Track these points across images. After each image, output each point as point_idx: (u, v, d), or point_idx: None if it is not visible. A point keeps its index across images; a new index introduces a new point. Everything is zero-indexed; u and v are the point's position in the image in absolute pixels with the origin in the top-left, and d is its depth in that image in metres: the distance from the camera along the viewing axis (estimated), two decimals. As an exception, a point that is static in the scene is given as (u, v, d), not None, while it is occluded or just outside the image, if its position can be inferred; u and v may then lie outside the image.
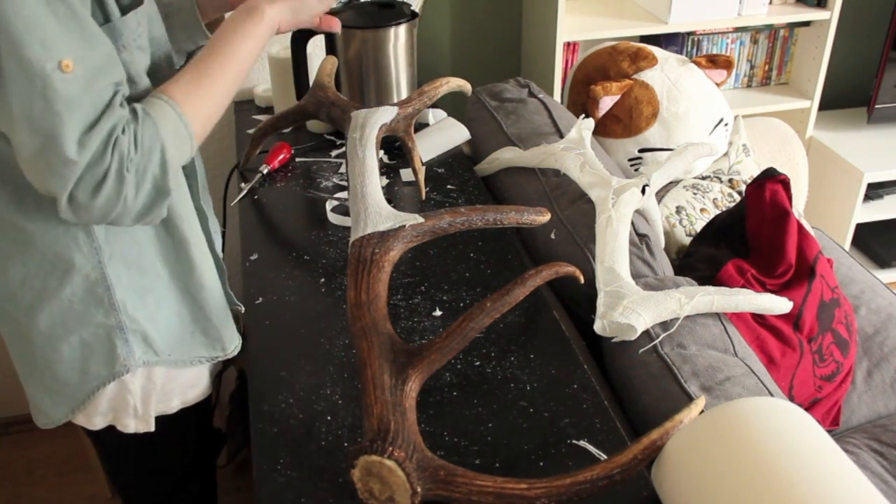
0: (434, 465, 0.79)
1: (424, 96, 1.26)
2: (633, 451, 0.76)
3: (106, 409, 1.00)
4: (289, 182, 1.49)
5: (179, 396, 1.05)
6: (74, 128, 0.74)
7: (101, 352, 0.94)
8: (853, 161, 2.31)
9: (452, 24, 2.24)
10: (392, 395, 0.84)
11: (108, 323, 0.93)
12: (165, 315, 0.98)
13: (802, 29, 2.32)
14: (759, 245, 1.35)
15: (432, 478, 0.78)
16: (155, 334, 0.97)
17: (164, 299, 0.98)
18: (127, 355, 0.95)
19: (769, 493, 0.70)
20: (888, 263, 2.41)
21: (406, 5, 1.54)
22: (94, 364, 0.95)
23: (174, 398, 1.05)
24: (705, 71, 1.80)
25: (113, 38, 0.81)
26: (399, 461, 0.77)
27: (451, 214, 1.01)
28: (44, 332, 0.92)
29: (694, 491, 0.76)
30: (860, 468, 1.24)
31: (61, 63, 0.72)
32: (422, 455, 0.79)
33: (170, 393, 1.03)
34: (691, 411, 0.79)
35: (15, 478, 1.95)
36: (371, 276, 0.94)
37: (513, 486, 0.76)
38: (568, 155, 1.38)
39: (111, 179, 0.77)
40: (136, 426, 1.02)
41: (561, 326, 1.11)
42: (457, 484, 0.77)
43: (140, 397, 1.00)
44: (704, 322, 1.10)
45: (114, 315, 0.93)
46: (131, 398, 0.99)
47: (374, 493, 0.80)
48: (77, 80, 0.74)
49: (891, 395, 1.47)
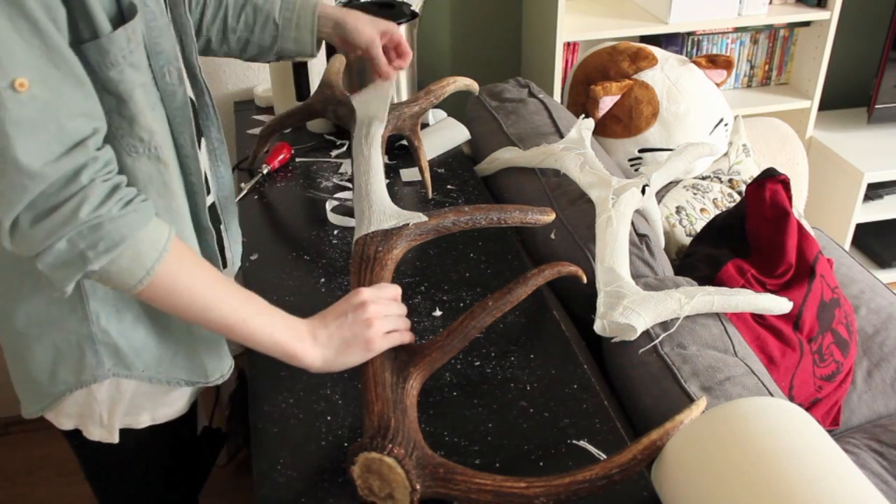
0: (433, 462, 0.79)
1: (431, 95, 1.26)
2: (632, 451, 0.76)
3: (73, 412, 0.97)
4: (289, 182, 1.49)
5: (149, 412, 0.99)
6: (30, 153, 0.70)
7: (71, 358, 0.91)
8: (853, 161, 2.31)
9: (452, 24, 2.24)
10: (393, 393, 0.84)
11: (80, 331, 0.90)
12: (144, 333, 0.93)
13: (802, 29, 2.32)
14: (759, 245, 1.35)
15: (432, 475, 0.78)
16: (128, 350, 0.92)
17: (144, 317, 0.93)
18: (96, 366, 0.91)
19: (769, 493, 0.70)
20: (888, 263, 2.41)
21: (406, 5, 1.54)
22: (62, 369, 0.92)
23: (143, 413, 0.99)
24: (705, 71, 1.80)
25: (100, 55, 0.77)
26: (399, 458, 0.77)
27: (455, 213, 1.01)
28: (20, 329, 0.90)
29: (694, 491, 0.76)
30: (860, 468, 1.24)
31: (14, 81, 0.68)
32: (421, 453, 0.79)
33: (138, 407, 0.98)
34: (692, 412, 0.79)
35: (15, 478, 1.95)
36: (374, 274, 0.94)
37: (511, 484, 0.76)
38: (568, 155, 1.38)
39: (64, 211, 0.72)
40: (100, 435, 0.98)
41: (561, 326, 1.10)
42: (456, 482, 0.77)
43: (106, 406, 0.96)
44: (704, 322, 1.10)
45: (86, 325, 0.89)
46: (97, 406, 0.95)
47: (373, 489, 0.80)
48: (34, 101, 0.69)
49: (891, 395, 1.47)
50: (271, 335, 0.85)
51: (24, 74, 0.69)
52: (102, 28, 0.76)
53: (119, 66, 0.78)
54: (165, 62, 0.86)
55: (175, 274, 0.80)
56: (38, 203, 0.72)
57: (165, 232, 0.80)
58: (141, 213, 0.77)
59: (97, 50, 0.76)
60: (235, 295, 0.85)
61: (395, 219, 0.98)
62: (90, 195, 0.73)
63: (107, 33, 0.76)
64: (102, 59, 0.77)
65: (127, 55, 0.79)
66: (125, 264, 0.76)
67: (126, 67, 0.79)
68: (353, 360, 0.88)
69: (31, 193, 0.71)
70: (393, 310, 0.91)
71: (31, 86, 0.69)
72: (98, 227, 0.74)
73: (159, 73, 0.86)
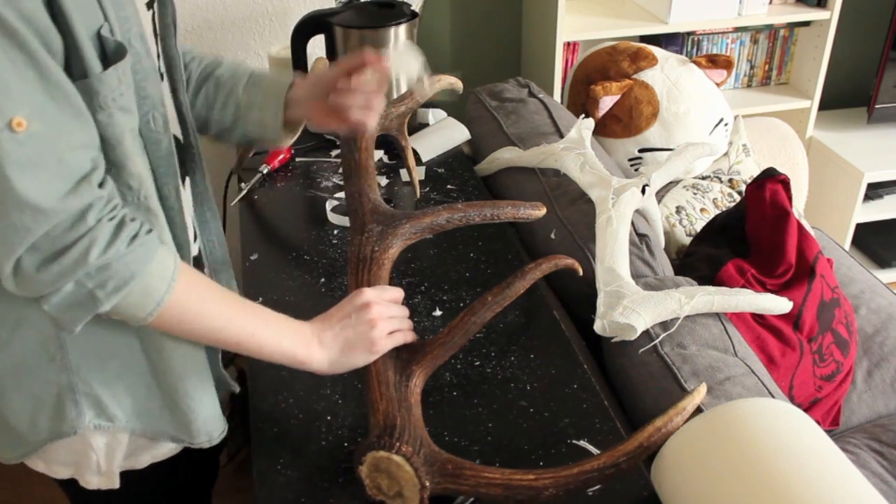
0: (441, 458, 0.79)
1: (417, 95, 1.25)
2: (638, 439, 0.75)
3: (68, 461, 0.92)
4: (289, 182, 1.49)
5: (149, 452, 0.94)
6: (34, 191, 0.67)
7: (50, 408, 0.86)
8: (853, 161, 2.31)
9: (452, 24, 2.24)
10: (397, 391, 0.84)
11: (60, 381, 0.85)
12: (129, 383, 0.88)
13: (802, 29, 2.32)
14: (759, 245, 1.35)
15: (440, 472, 0.78)
16: (111, 401, 0.87)
17: (129, 367, 0.88)
18: (76, 417, 0.86)
19: (768, 493, 0.70)
20: (888, 263, 2.41)
21: (406, 5, 1.54)
22: (42, 418, 0.87)
23: (143, 454, 0.94)
24: (705, 71, 1.80)
25: (88, 96, 0.71)
26: (407, 456, 0.77)
27: (448, 210, 1.01)
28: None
29: (693, 491, 0.76)
30: (860, 468, 1.24)
31: (12, 121, 0.65)
32: (429, 450, 0.79)
33: (138, 450, 0.93)
34: (694, 398, 0.78)
35: (15, 478, 1.95)
36: (371, 274, 0.94)
37: (520, 477, 0.76)
38: (568, 155, 1.38)
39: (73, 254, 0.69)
40: (98, 483, 0.93)
41: (561, 326, 1.10)
42: (465, 477, 0.77)
43: (104, 454, 0.91)
44: (704, 322, 1.10)
45: (65, 374, 0.85)
46: (94, 455, 0.90)
47: (382, 488, 0.80)
48: (32, 139, 0.66)
49: (891, 395, 1.47)
50: (280, 345, 0.85)
51: (20, 112, 0.66)
52: (93, 67, 0.71)
53: (108, 110, 0.73)
54: (151, 108, 0.80)
55: (185, 302, 0.78)
56: (43, 245, 0.69)
57: (172, 261, 0.77)
58: (147, 247, 0.75)
59: (86, 90, 0.71)
60: (244, 311, 0.84)
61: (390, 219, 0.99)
62: (98, 237, 0.71)
63: (97, 73, 0.71)
64: (91, 100, 0.72)
65: (117, 97, 0.74)
66: (135, 300, 0.75)
67: (116, 111, 0.74)
68: (357, 361, 0.87)
69: (34, 235, 0.68)
70: (395, 311, 0.91)
71: (28, 123, 0.66)
72: (107, 268, 0.72)
73: (143, 120, 0.80)
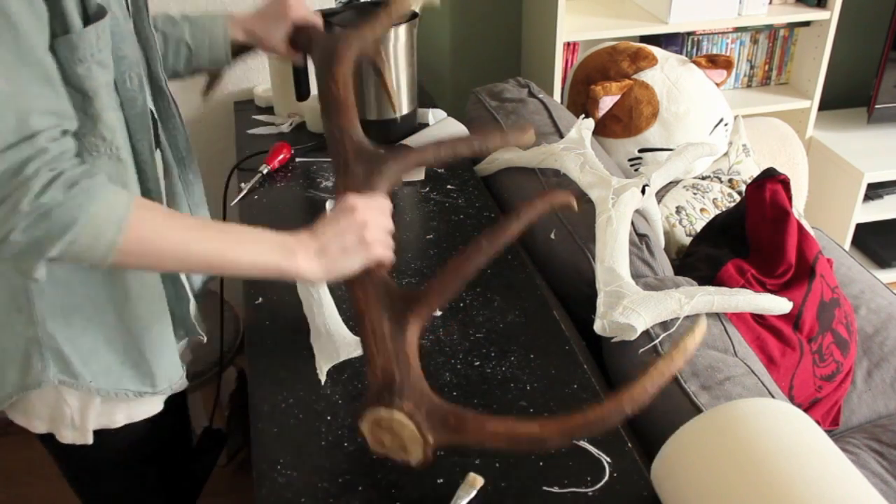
0: (443, 411, 0.76)
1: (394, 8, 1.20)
2: (643, 382, 0.71)
3: (44, 415, 0.94)
4: (289, 182, 1.49)
5: (124, 412, 0.97)
6: None
7: (17, 360, 0.89)
8: (853, 161, 2.31)
9: (452, 24, 2.24)
10: (393, 344, 0.82)
11: (27, 334, 0.88)
12: (92, 339, 0.91)
13: (802, 29, 2.32)
14: (759, 245, 1.35)
15: (442, 425, 0.76)
16: (74, 357, 0.90)
17: (93, 322, 0.90)
18: (42, 370, 0.89)
19: (768, 493, 0.70)
20: (888, 263, 2.41)
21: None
22: (10, 370, 0.90)
23: (117, 413, 0.97)
24: (705, 71, 1.80)
25: (69, 50, 0.77)
26: (409, 413, 0.75)
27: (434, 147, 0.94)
28: None
29: (693, 491, 0.76)
30: (860, 468, 1.24)
31: None
32: (430, 403, 0.77)
33: (112, 407, 0.96)
34: (695, 336, 0.73)
35: (15, 478, 1.95)
36: None
37: (525, 427, 0.73)
38: (568, 155, 1.38)
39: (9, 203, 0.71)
40: (72, 437, 0.96)
41: (561, 326, 1.11)
42: (468, 430, 0.75)
43: (77, 408, 0.93)
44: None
45: (32, 327, 0.87)
46: (68, 409, 0.93)
47: (384, 443, 0.79)
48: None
49: (891, 395, 1.47)
50: (256, 260, 0.83)
51: None
52: (74, 25, 0.77)
53: (87, 63, 0.79)
54: (127, 68, 0.86)
55: (143, 238, 0.78)
56: None
57: (123, 200, 0.77)
58: (89, 192, 0.75)
59: (67, 46, 0.77)
60: (210, 234, 0.82)
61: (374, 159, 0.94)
62: (33, 185, 0.71)
63: (78, 30, 0.77)
64: (71, 54, 0.78)
65: (95, 53, 0.80)
66: (86, 242, 0.75)
67: (93, 65, 0.80)
68: (353, 264, 0.85)
69: None
70: (384, 221, 0.89)
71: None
72: (47, 214, 0.72)
73: (120, 79, 0.86)
